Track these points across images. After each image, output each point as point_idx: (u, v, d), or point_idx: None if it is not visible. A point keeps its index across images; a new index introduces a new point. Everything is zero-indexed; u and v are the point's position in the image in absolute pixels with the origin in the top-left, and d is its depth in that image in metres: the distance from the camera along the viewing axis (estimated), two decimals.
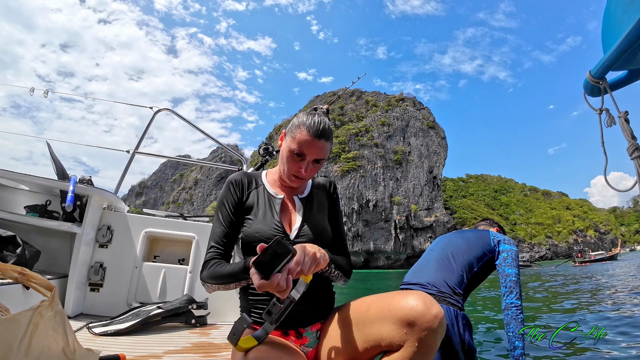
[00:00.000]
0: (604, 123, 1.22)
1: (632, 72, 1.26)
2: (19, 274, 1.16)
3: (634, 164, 1.08)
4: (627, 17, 1.07)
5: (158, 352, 1.68)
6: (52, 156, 2.51)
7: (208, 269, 1.10)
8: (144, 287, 2.52)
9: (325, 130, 1.15)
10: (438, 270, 1.97)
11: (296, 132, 1.15)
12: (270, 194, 1.25)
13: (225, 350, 1.79)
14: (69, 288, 2.28)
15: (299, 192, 1.31)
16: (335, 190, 1.40)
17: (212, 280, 1.07)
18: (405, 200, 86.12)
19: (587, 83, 1.30)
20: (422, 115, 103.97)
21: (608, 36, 1.23)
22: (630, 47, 1.08)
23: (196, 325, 2.34)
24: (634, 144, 1.09)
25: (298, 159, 1.16)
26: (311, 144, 1.13)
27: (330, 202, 1.35)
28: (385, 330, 0.97)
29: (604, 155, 1.27)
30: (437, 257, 2.08)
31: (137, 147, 2.90)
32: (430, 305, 0.93)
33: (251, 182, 1.27)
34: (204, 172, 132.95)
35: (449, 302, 1.82)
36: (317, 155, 1.15)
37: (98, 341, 1.80)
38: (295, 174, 1.18)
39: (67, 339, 1.01)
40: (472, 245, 2.08)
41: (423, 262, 2.14)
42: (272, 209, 1.20)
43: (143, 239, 2.59)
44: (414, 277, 2.04)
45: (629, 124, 1.14)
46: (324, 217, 1.29)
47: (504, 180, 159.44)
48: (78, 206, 2.46)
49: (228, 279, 1.04)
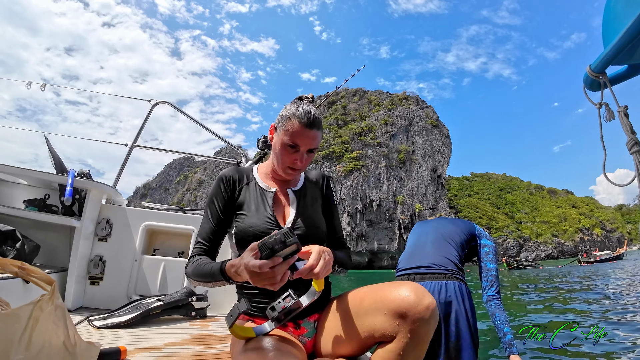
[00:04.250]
0: (604, 117, 1.22)
1: (632, 66, 1.25)
2: (19, 268, 1.15)
3: (633, 158, 1.08)
4: (628, 12, 1.06)
5: (158, 344, 1.69)
6: (50, 150, 2.51)
7: (191, 265, 1.11)
8: (143, 280, 2.53)
9: (315, 119, 1.14)
10: (438, 251, 2.02)
11: (287, 124, 1.14)
12: (262, 188, 1.24)
13: (225, 342, 1.80)
14: (68, 282, 2.28)
15: (292, 184, 1.30)
16: (329, 183, 1.40)
17: (194, 276, 1.08)
18: (409, 199, 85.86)
19: (587, 77, 1.29)
20: (425, 114, 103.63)
21: (608, 30, 1.22)
22: (630, 42, 1.07)
23: (196, 317, 2.35)
24: (634, 138, 1.09)
25: (292, 151, 1.15)
26: (304, 135, 1.13)
27: (324, 195, 1.35)
28: (378, 321, 0.97)
29: (603, 150, 1.27)
30: (433, 239, 2.12)
31: (135, 140, 2.91)
32: (422, 296, 0.93)
33: (242, 178, 1.26)
34: (207, 173, 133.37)
35: (458, 279, 1.90)
36: (310, 145, 1.15)
37: (98, 334, 1.80)
38: (291, 165, 1.17)
39: (67, 332, 1.01)
40: (461, 230, 2.17)
41: (417, 246, 2.16)
42: (265, 203, 1.19)
43: (142, 232, 2.59)
44: (412, 261, 2.06)
45: (629, 119, 1.14)
46: (317, 210, 1.29)
47: (509, 178, 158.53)
48: (77, 200, 2.46)
49: (206, 278, 1.04)
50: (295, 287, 1.07)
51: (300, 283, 1.11)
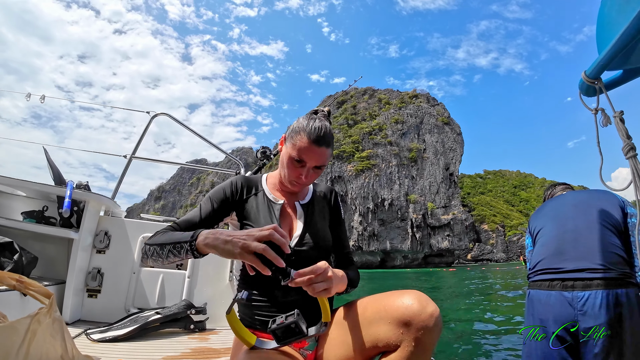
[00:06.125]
0: (600, 123, 1.22)
1: (627, 71, 1.25)
2: (17, 281, 1.15)
3: (629, 163, 1.08)
4: (622, 17, 1.06)
5: (157, 358, 1.68)
6: (48, 162, 2.50)
7: (156, 234, 1.06)
8: (142, 293, 2.50)
9: (325, 136, 1.13)
10: (600, 243, 1.63)
11: (296, 139, 1.13)
12: (270, 200, 1.23)
13: (224, 355, 1.78)
14: (66, 294, 2.26)
15: (300, 197, 1.29)
16: (337, 198, 1.39)
17: (155, 244, 1.02)
18: (422, 198, 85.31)
19: (582, 83, 1.30)
20: (436, 112, 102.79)
21: (603, 36, 1.23)
22: (624, 47, 1.07)
23: (195, 330, 2.32)
24: (629, 143, 1.09)
25: (298, 165, 1.15)
26: (311, 151, 1.11)
27: (332, 210, 1.35)
28: (382, 330, 0.97)
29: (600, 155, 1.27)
30: (586, 224, 1.71)
31: (134, 152, 2.90)
32: (426, 304, 0.93)
33: (251, 187, 1.25)
34: (220, 175, 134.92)
35: (634, 284, 1.56)
36: (317, 162, 1.14)
37: (96, 347, 1.79)
38: (295, 180, 1.17)
39: (65, 345, 1.03)
40: (612, 204, 1.73)
41: (565, 234, 1.76)
42: (272, 215, 1.18)
43: (140, 244, 2.57)
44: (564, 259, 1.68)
45: (624, 124, 1.14)
46: (325, 224, 1.28)
47: (523, 175, 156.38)
48: (75, 212, 2.45)
49: (167, 242, 0.98)
50: (306, 314, 1.05)
51: (312, 310, 1.11)
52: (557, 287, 1.66)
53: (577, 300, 1.58)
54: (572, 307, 1.59)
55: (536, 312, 1.76)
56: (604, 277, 1.56)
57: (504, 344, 6.10)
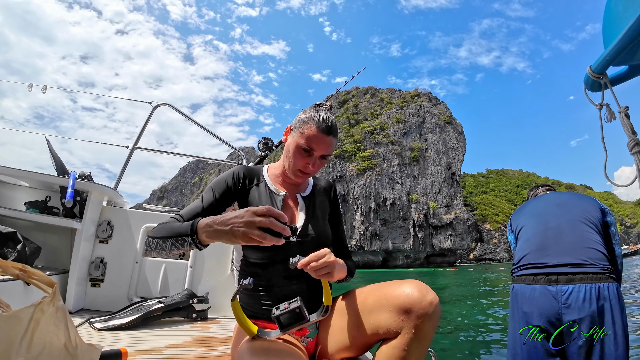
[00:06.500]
0: (604, 118, 1.23)
1: (633, 67, 1.26)
2: (20, 270, 1.15)
3: (634, 159, 1.09)
4: (628, 13, 1.08)
5: (159, 347, 1.69)
6: (51, 152, 2.51)
7: (160, 225, 1.07)
8: (144, 282, 2.51)
9: (333, 126, 1.17)
10: (582, 240, 1.68)
11: (304, 128, 1.15)
12: (272, 191, 1.24)
13: (226, 344, 1.79)
14: (69, 284, 2.27)
15: (301, 190, 1.31)
16: (336, 192, 1.42)
17: (158, 235, 1.03)
18: (424, 197, 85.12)
19: (587, 78, 1.30)
20: (438, 111, 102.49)
21: (609, 31, 1.24)
22: (630, 43, 1.09)
23: (197, 319, 2.33)
24: (634, 139, 1.11)
25: (306, 155, 1.16)
26: (320, 140, 1.14)
27: (332, 204, 1.37)
28: (382, 318, 0.99)
29: (604, 151, 1.29)
30: (568, 221, 1.76)
31: (136, 142, 2.91)
32: (426, 292, 0.96)
33: (253, 178, 1.26)
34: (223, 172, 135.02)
35: (614, 278, 1.61)
36: (324, 151, 1.17)
37: (100, 336, 1.80)
38: (302, 169, 1.18)
39: (68, 334, 1.02)
40: (592, 206, 1.80)
41: (549, 231, 1.81)
42: (274, 206, 1.19)
43: (143, 234, 2.58)
44: (547, 254, 1.73)
45: (629, 119, 1.15)
46: (325, 217, 1.31)
47: (525, 174, 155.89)
48: (78, 202, 2.46)
49: (169, 234, 0.99)
50: (307, 303, 1.06)
51: (312, 299, 1.13)
52: (542, 282, 1.70)
53: (562, 293, 1.62)
54: (557, 301, 1.63)
55: (521, 306, 1.78)
56: (586, 271, 1.61)
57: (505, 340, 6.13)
